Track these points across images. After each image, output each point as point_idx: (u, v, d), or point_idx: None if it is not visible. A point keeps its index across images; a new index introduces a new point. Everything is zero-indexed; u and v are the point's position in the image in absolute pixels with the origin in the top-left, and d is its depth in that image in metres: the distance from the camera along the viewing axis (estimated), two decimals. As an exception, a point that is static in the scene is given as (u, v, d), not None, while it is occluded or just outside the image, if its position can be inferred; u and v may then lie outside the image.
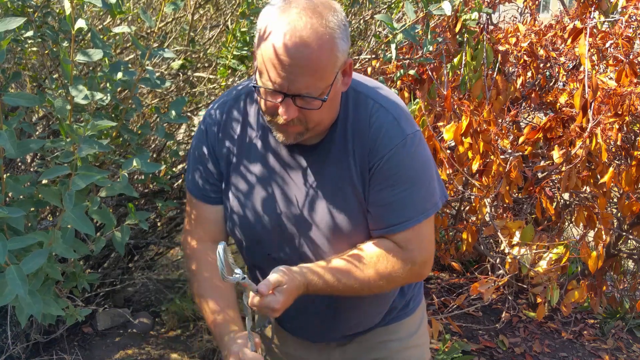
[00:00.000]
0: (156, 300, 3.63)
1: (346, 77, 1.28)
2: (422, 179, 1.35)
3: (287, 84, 1.16)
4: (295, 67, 1.14)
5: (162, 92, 2.32)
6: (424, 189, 1.35)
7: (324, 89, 1.19)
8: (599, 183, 2.58)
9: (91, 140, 1.07)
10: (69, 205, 1.01)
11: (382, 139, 1.30)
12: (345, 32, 1.21)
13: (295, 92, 1.18)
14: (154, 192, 2.66)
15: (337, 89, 1.25)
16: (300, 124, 1.24)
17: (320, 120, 1.26)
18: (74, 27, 1.19)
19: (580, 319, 3.73)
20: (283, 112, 1.20)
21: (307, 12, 1.14)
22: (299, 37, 1.12)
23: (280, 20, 1.14)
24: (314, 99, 1.19)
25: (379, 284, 1.35)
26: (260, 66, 1.19)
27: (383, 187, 1.32)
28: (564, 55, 2.94)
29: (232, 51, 2.00)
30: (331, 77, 1.20)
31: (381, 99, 1.35)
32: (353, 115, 1.33)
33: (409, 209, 1.32)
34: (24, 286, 0.91)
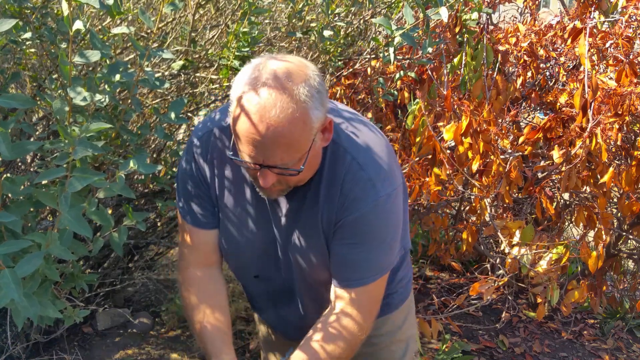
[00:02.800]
0: (156, 300, 3.63)
1: (327, 134, 1.27)
2: (386, 241, 1.37)
3: (262, 158, 1.18)
4: (268, 145, 1.15)
5: (163, 92, 2.32)
6: (385, 249, 1.38)
7: (301, 157, 1.20)
8: (599, 183, 2.58)
9: (86, 142, 1.07)
10: (65, 207, 1.01)
11: (353, 200, 1.31)
12: (319, 100, 1.19)
13: (271, 164, 1.19)
14: (154, 192, 2.66)
15: (316, 148, 1.25)
16: (280, 185, 1.27)
17: (301, 180, 1.29)
18: (72, 29, 1.19)
19: (580, 319, 3.73)
20: (261, 180, 1.22)
21: (277, 90, 1.13)
22: (269, 118, 1.12)
23: (251, 99, 1.14)
24: (290, 170, 1.21)
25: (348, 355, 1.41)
26: (235, 137, 1.20)
27: (345, 242, 1.35)
28: (564, 55, 2.94)
29: (234, 52, 2.00)
30: (307, 146, 1.20)
31: (361, 154, 1.33)
32: (329, 167, 1.33)
33: (367, 268, 1.37)
34: (18, 290, 0.90)
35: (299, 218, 1.37)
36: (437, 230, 3.21)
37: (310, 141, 1.20)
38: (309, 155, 1.21)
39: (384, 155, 1.36)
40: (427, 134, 2.43)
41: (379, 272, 1.38)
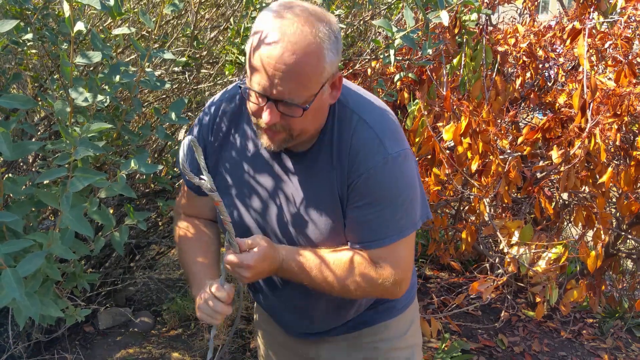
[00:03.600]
0: (157, 299, 3.64)
1: (335, 91, 1.28)
2: (401, 199, 1.33)
3: (271, 88, 1.18)
4: (279, 72, 1.15)
5: (165, 92, 2.33)
6: (402, 209, 1.33)
7: (307, 98, 1.20)
8: (598, 183, 2.58)
9: (88, 142, 1.08)
10: (67, 207, 1.02)
11: (361, 158, 1.30)
12: (335, 45, 1.21)
13: (278, 97, 1.19)
14: (155, 191, 2.67)
15: (323, 100, 1.26)
16: (283, 130, 1.26)
17: (303, 129, 1.27)
18: (73, 29, 1.20)
19: (579, 318, 3.73)
20: (266, 115, 1.22)
21: (300, 19, 1.16)
22: (287, 43, 1.14)
23: (273, 25, 1.16)
24: (295, 106, 1.20)
25: (347, 289, 1.36)
26: (249, 67, 1.21)
27: (360, 204, 1.32)
28: (563, 55, 2.95)
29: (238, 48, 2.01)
30: (316, 87, 1.21)
31: (367, 114, 1.34)
32: (337, 129, 1.33)
33: (384, 228, 1.32)
34: (19, 289, 0.91)
35: (309, 182, 1.37)
36: (436, 230, 3.21)
37: (320, 84, 1.21)
38: (314, 100, 1.22)
39: (391, 118, 1.36)
40: (426, 134, 2.44)
41: (398, 233, 1.33)
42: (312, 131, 1.30)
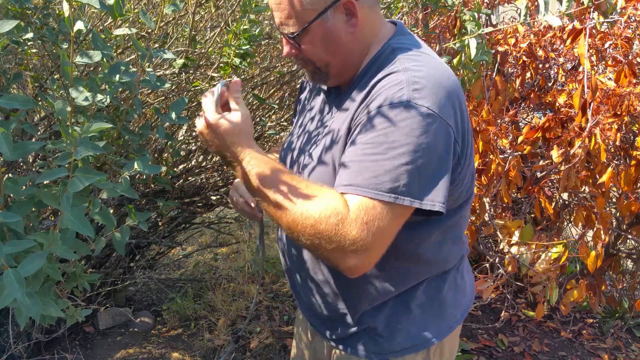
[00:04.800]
0: (157, 299, 3.64)
1: (352, 18, 1.24)
2: (392, 155, 1.10)
3: (277, 23, 1.26)
4: (273, 4, 1.24)
5: (164, 92, 2.33)
6: (388, 165, 1.10)
7: (300, 26, 1.23)
8: (598, 183, 2.58)
9: (88, 142, 1.08)
10: (67, 207, 1.02)
11: (378, 96, 1.17)
12: None
13: (280, 29, 1.27)
14: (155, 191, 2.67)
15: (332, 28, 1.24)
16: (306, 63, 1.32)
17: (321, 59, 1.29)
18: (73, 29, 1.20)
19: (580, 318, 3.73)
20: (283, 49, 1.31)
21: None
22: None
23: None
24: (288, 37, 1.26)
25: (297, 222, 1.12)
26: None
27: (353, 140, 1.18)
28: (563, 55, 2.95)
29: (234, 50, 2.01)
30: (306, 14, 1.22)
31: (412, 62, 1.21)
32: (375, 68, 1.25)
33: (369, 175, 1.11)
34: (21, 289, 0.91)
35: (333, 119, 1.33)
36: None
37: (313, 11, 1.21)
38: (312, 27, 1.22)
39: (440, 78, 1.19)
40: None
41: (375, 189, 1.10)
42: (337, 63, 1.29)
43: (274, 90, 2.79)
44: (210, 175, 3.00)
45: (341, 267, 1.13)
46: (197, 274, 4.12)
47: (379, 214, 1.10)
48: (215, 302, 3.53)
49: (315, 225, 1.10)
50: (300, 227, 1.12)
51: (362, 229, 1.09)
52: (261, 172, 1.18)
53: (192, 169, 2.94)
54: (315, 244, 1.12)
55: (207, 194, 2.98)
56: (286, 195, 1.14)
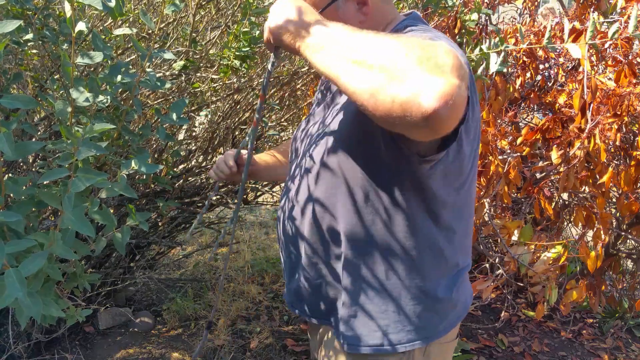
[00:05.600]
0: (157, 299, 3.65)
1: (362, 6, 1.23)
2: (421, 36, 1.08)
3: None
4: None
5: (164, 93, 2.34)
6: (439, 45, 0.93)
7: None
8: (598, 183, 2.58)
9: (90, 142, 1.08)
10: (68, 207, 1.03)
11: None
12: None
13: None
14: (155, 192, 2.67)
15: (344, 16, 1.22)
16: None
17: None
18: (74, 30, 1.20)
19: (580, 318, 3.74)
20: None
21: None
22: None
23: None
24: None
25: (389, 48, 0.90)
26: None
27: None
28: (563, 55, 2.95)
29: (234, 52, 2.01)
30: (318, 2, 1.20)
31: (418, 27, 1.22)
32: None
33: (421, 37, 1.03)
34: (22, 289, 0.92)
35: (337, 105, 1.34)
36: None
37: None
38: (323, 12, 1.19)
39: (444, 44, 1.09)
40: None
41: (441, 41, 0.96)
42: None
43: (274, 91, 2.79)
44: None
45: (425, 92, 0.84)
46: (197, 274, 4.12)
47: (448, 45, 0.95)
48: (214, 301, 3.53)
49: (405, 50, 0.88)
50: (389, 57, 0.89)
51: (450, 52, 0.88)
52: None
53: (192, 169, 2.94)
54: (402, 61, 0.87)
55: (207, 194, 2.98)
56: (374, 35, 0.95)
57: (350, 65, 0.92)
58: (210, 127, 2.90)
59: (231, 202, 3.06)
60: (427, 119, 0.83)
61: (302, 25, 1.04)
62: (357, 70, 0.91)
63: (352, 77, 0.91)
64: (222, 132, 2.92)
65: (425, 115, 0.82)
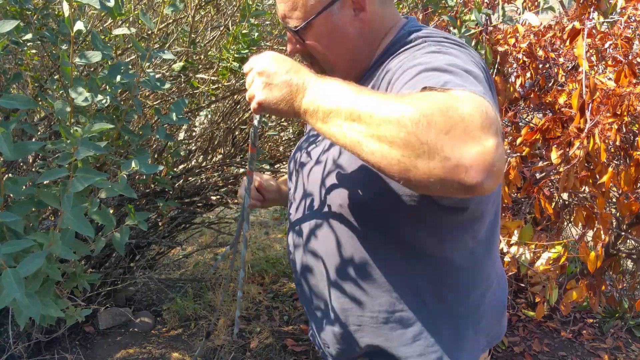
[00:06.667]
0: (157, 299, 3.65)
1: (360, 12, 1.17)
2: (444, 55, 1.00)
3: (281, 16, 1.20)
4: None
5: (164, 93, 2.34)
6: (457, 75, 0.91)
7: (302, 20, 1.17)
8: (598, 183, 2.58)
9: (89, 142, 1.08)
10: (68, 207, 1.03)
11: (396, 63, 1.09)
12: None
13: (284, 22, 1.20)
14: (155, 192, 2.67)
15: (338, 23, 1.17)
16: (313, 63, 1.24)
17: (324, 57, 1.21)
18: (73, 30, 1.20)
19: (580, 318, 3.73)
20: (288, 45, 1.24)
21: None
22: None
23: None
24: (292, 31, 1.20)
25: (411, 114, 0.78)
26: None
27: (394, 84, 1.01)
28: (563, 55, 2.95)
29: (233, 54, 2.01)
30: (311, 8, 1.16)
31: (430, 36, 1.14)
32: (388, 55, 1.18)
33: (439, 80, 0.89)
34: (20, 289, 0.91)
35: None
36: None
37: (318, 3, 1.15)
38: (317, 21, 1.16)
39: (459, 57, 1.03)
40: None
41: (457, 79, 0.89)
42: (343, 64, 1.21)
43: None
44: (210, 175, 3.01)
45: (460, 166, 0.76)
46: (197, 274, 4.12)
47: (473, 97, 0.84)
48: (215, 302, 3.53)
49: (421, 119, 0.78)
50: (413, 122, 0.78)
51: (476, 101, 0.81)
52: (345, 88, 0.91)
53: (192, 169, 2.94)
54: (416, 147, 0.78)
55: (207, 194, 2.98)
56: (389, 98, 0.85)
57: (367, 140, 0.82)
58: (210, 127, 2.90)
59: (231, 202, 3.06)
60: (471, 190, 0.77)
61: (297, 91, 0.95)
62: (377, 147, 0.81)
63: (373, 154, 0.83)
64: (222, 132, 2.92)
65: (469, 188, 0.77)
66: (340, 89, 0.89)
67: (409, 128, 0.77)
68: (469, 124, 0.76)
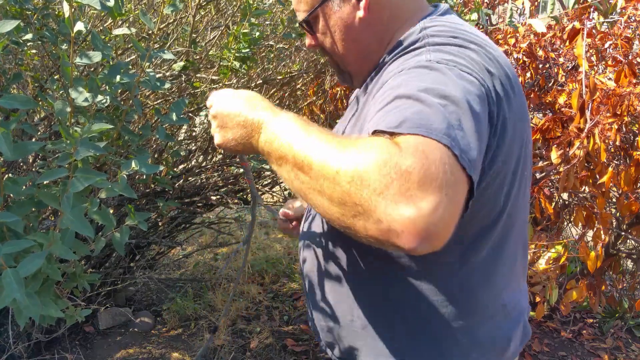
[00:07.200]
0: (157, 299, 3.65)
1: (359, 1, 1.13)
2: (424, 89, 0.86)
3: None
4: None
5: (164, 93, 2.34)
6: (426, 103, 0.84)
7: (306, 12, 1.18)
8: (598, 183, 2.58)
9: (89, 142, 1.08)
10: (67, 208, 1.03)
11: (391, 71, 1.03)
12: None
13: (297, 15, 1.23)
14: (155, 192, 2.67)
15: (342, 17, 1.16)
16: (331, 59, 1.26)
17: (334, 49, 1.20)
18: (73, 30, 1.20)
19: (580, 318, 3.73)
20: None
21: None
22: None
23: None
24: (300, 24, 1.23)
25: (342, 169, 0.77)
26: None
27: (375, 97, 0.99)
28: (563, 55, 2.95)
29: (234, 53, 2.01)
30: (312, 1, 1.17)
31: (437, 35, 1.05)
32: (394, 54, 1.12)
33: (398, 115, 0.83)
34: (20, 289, 0.91)
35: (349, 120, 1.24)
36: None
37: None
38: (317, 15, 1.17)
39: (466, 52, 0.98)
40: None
41: (424, 127, 0.78)
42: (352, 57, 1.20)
43: (274, 91, 2.79)
44: (210, 175, 3.01)
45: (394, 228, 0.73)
46: (197, 274, 4.12)
47: (432, 153, 0.77)
48: (215, 302, 3.53)
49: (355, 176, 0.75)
50: (334, 186, 0.78)
51: (422, 165, 0.74)
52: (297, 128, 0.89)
53: (192, 169, 2.94)
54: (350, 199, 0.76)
55: (207, 194, 2.98)
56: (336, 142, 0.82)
57: (311, 193, 0.82)
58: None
59: (231, 202, 3.06)
60: (409, 252, 0.74)
61: (252, 131, 0.95)
62: (319, 201, 0.81)
63: (317, 207, 0.82)
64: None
65: (406, 251, 0.74)
66: (291, 131, 0.87)
67: (343, 187, 0.76)
68: (403, 183, 0.72)
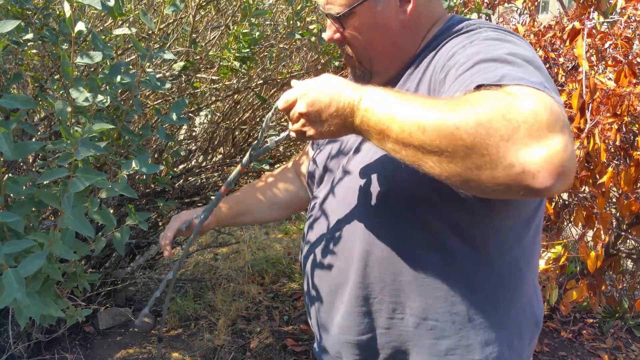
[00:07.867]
0: (157, 299, 3.65)
1: (404, 4, 1.13)
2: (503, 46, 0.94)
3: (321, 2, 1.17)
4: None
5: (164, 93, 2.34)
6: (518, 65, 0.87)
7: (345, 7, 1.13)
8: (598, 183, 2.58)
9: (89, 142, 1.08)
10: (68, 208, 1.03)
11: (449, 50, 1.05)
12: None
13: (324, 9, 1.16)
14: (155, 191, 2.67)
15: (382, 16, 1.14)
16: (349, 57, 1.21)
17: (364, 48, 1.18)
18: (74, 30, 1.20)
19: (580, 318, 3.73)
20: (326, 32, 1.20)
21: None
22: None
23: None
24: (333, 18, 1.16)
25: (467, 116, 0.75)
26: None
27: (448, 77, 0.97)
28: (563, 55, 2.95)
29: (234, 53, 2.01)
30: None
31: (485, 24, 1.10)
32: (436, 44, 1.13)
33: (491, 71, 0.86)
34: (21, 289, 0.92)
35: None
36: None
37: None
38: (359, 10, 1.12)
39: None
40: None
41: (520, 79, 0.81)
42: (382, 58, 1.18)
43: (274, 91, 2.79)
44: (210, 175, 3.01)
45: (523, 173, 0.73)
46: (197, 274, 4.12)
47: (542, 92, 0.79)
48: (215, 302, 3.53)
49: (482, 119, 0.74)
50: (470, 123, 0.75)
51: (536, 99, 0.76)
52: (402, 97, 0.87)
53: (192, 169, 2.94)
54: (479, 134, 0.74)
55: (207, 194, 2.98)
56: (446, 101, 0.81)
57: (425, 156, 0.79)
58: (210, 127, 2.90)
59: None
60: (540, 194, 0.74)
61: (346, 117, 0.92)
62: (436, 162, 0.78)
63: (432, 169, 0.80)
64: (222, 132, 2.92)
65: (538, 193, 0.73)
66: (388, 103, 0.85)
67: (466, 140, 0.74)
68: (532, 125, 0.72)
